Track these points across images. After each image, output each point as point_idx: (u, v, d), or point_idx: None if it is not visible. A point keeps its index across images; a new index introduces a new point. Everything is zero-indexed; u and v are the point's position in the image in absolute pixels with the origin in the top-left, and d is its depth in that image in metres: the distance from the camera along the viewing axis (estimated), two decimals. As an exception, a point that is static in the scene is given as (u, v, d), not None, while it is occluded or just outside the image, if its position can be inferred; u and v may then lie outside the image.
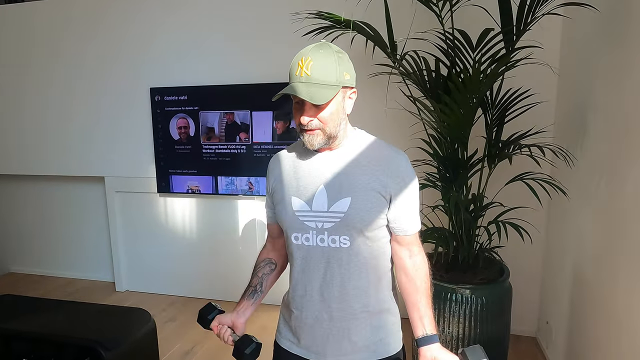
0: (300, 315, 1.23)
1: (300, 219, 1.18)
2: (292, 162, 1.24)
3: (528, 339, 2.79)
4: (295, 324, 1.25)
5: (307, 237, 1.18)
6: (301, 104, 1.12)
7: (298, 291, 1.22)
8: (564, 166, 2.08)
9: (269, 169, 1.29)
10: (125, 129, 3.40)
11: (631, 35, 1.66)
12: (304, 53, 1.10)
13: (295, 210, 1.18)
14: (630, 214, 1.62)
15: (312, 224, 1.17)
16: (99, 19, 3.30)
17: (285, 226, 1.22)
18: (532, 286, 2.73)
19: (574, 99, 2.21)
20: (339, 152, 1.18)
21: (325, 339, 1.20)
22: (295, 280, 1.23)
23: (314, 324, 1.21)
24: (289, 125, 3.00)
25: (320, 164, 1.18)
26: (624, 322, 1.67)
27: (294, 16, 2.53)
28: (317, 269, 1.18)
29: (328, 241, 1.16)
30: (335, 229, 1.15)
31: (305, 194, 1.18)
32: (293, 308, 1.24)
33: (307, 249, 1.18)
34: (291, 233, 1.20)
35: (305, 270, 1.20)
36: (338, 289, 1.17)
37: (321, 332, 1.20)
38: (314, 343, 1.22)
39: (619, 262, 1.71)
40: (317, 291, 1.19)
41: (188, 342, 2.85)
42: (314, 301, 1.20)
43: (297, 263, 1.21)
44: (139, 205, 3.51)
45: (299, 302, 1.22)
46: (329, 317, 1.19)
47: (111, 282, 3.78)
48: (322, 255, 1.17)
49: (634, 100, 1.63)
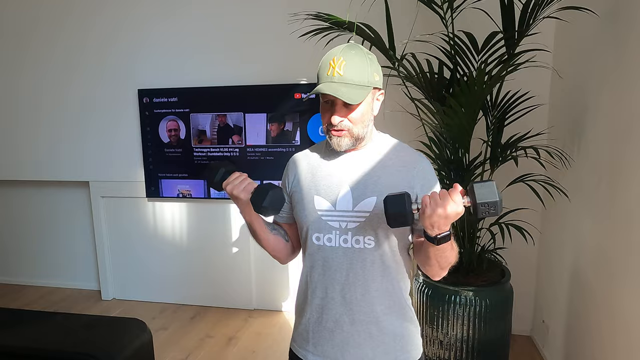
0: (319, 318, 1.19)
1: (324, 219, 1.16)
2: (315, 162, 1.22)
3: (523, 338, 2.82)
4: (312, 329, 1.21)
5: (330, 238, 1.16)
6: (331, 104, 1.11)
7: (318, 294, 1.19)
8: (564, 168, 2.11)
9: (288, 169, 1.27)
10: (111, 132, 3.29)
11: (629, 39, 1.69)
12: (335, 53, 1.10)
13: (318, 210, 1.16)
14: (630, 214, 1.66)
15: (336, 224, 1.15)
16: (85, 19, 3.18)
17: (306, 226, 1.19)
18: (526, 286, 2.76)
19: (571, 101, 2.25)
20: (363, 152, 1.18)
21: (345, 344, 1.17)
22: (315, 283, 1.20)
23: (335, 328, 1.18)
24: (283, 127, 2.96)
25: (345, 165, 1.18)
26: (621, 321, 1.70)
27: (290, 17, 2.50)
28: (339, 270, 1.16)
29: (352, 242, 1.14)
30: (360, 229, 1.13)
31: (329, 193, 1.16)
32: (312, 312, 1.21)
33: (329, 250, 1.16)
34: (312, 233, 1.17)
35: (326, 273, 1.17)
36: (361, 291, 1.15)
37: (341, 336, 1.17)
38: (332, 349, 1.19)
39: (618, 261, 1.74)
40: (338, 293, 1.16)
41: (182, 351, 2.76)
42: (335, 304, 1.17)
43: (317, 265, 1.18)
44: (126, 210, 3.39)
45: (318, 304, 1.19)
46: (351, 321, 1.16)
47: (96, 291, 3.64)
48: (344, 257, 1.15)
49: (631, 103, 1.66)
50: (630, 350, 1.64)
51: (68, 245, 3.70)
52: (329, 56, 1.10)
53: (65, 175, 3.45)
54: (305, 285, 1.23)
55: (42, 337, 2.04)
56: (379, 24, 2.14)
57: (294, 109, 2.92)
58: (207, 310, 3.29)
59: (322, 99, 1.12)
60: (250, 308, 3.28)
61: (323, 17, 2.17)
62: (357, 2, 2.27)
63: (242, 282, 3.27)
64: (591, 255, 2.00)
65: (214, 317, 3.19)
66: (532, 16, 1.87)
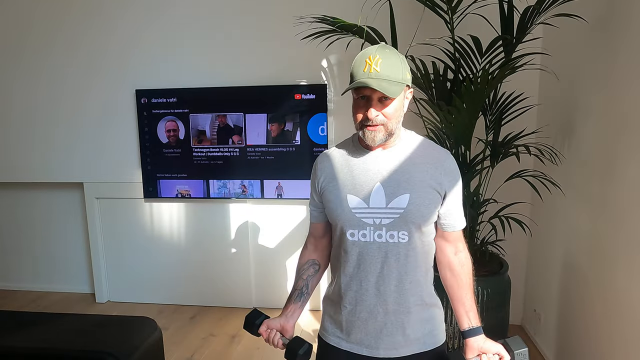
0: (353, 309, 1.24)
1: (357, 216, 1.20)
2: (345, 160, 1.26)
3: (515, 327, 2.96)
4: (346, 319, 1.26)
5: (364, 234, 1.20)
6: (366, 100, 1.15)
7: (353, 286, 1.24)
8: (558, 163, 2.26)
9: (317, 167, 1.30)
10: (107, 133, 3.26)
11: (617, 44, 1.85)
12: (370, 52, 1.14)
13: (351, 208, 1.20)
14: (620, 205, 1.81)
15: (370, 220, 1.19)
16: (81, 20, 3.15)
17: (340, 223, 1.23)
18: (518, 276, 2.91)
19: (562, 101, 2.41)
20: (393, 150, 1.22)
21: (378, 332, 1.23)
22: (349, 276, 1.24)
23: (368, 318, 1.23)
24: (283, 127, 3.02)
25: (375, 162, 1.22)
26: (614, 306, 1.84)
27: (292, 18, 2.57)
28: (373, 264, 1.21)
29: (386, 237, 1.19)
30: (394, 225, 1.18)
31: (361, 191, 1.20)
32: (346, 304, 1.25)
33: (364, 244, 1.21)
34: (347, 230, 1.22)
35: (361, 266, 1.22)
36: (395, 283, 1.21)
37: (375, 325, 1.23)
38: (366, 337, 1.24)
39: (609, 250, 1.89)
40: (373, 286, 1.21)
41: (187, 350, 2.77)
42: (369, 295, 1.22)
43: (351, 259, 1.23)
44: (122, 211, 3.36)
45: (352, 297, 1.24)
46: (384, 311, 1.22)
47: (90, 294, 3.59)
48: (379, 251, 1.20)
49: (619, 103, 1.82)
50: (624, 335, 1.78)
51: (59, 248, 3.63)
52: (364, 54, 1.15)
53: (58, 177, 3.39)
54: (339, 279, 1.27)
55: (54, 337, 2.03)
56: (384, 28, 2.24)
57: (294, 109, 2.98)
58: (207, 310, 3.30)
59: (357, 95, 1.16)
60: (249, 306, 3.31)
61: (329, 21, 2.25)
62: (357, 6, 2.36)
63: (242, 281, 3.29)
64: (583, 245, 2.15)
65: (214, 316, 3.21)
66: (530, 23, 2.01)
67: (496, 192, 2.44)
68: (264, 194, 3.11)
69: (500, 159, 2.23)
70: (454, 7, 2.09)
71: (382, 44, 1.19)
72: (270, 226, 3.23)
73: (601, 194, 1.98)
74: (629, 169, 1.76)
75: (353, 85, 1.13)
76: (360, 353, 1.26)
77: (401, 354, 1.24)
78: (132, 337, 2.10)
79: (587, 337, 2.09)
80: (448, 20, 2.12)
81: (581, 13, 2.01)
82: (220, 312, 3.27)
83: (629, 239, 1.76)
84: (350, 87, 1.14)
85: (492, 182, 2.37)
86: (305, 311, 3.27)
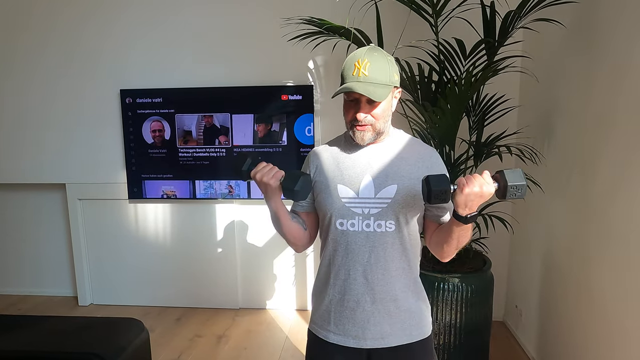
0: (341, 299, 1.28)
1: (347, 206, 1.25)
2: (336, 154, 1.31)
3: (496, 323, 3.03)
4: (334, 309, 1.29)
5: (353, 223, 1.25)
6: (356, 101, 1.21)
7: (341, 275, 1.28)
8: (539, 163, 2.34)
9: (309, 161, 1.35)
10: (90, 133, 3.22)
11: (592, 47, 1.93)
12: (359, 55, 1.19)
13: (342, 198, 1.25)
14: (595, 204, 1.89)
15: (359, 210, 1.24)
16: (65, 18, 3.10)
17: (329, 212, 1.27)
18: (500, 273, 2.98)
19: (541, 103, 2.49)
20: (382, 145, 1.29)
21: (365, 322, 1.27)
22: (337, 266, 1.28)
23: (356, 307, 1.27)
24: (270, 128, 3.03)
25: (365, 156, 1.28)
26: (589, 303, 1.92)
27: (279, 20, 2.59)
28: (361, 252, 1.25)
29: (374, 226, 1.24)
30: (382, 214, 1.23)
31: (351, 182, 1.26)
32: (334, 293, 1.29)
33: (352, 234, 1.25)
34: (336, 219, 1.26)
35: (349, 255, 1.26)
36: (382, 271, 1.25)
37: (362, 315, 1.27)
38: (354, 327, 1.28)
39: (586, 248, 1.97)
40: (360, 274, 1.26)
41: (173, 351, 2.76)
42: (357, 284, 1.26)
43: (340, 248, 1.27)
44: (106, 212, 3.32)
45: (340, 286, 1.28)
46: (372, 300, 1.26)
47: (72, 297, 3.53)
48: (367, 240, 1.25)
49: (594, 105, 1.90)
50: (599, 330, 1.85)
51: (39, 250, 3.56)
52: (353, 58, 1.20)
53: (39, 178, 3.33)
54: (328, 269, 1.31)
55: (38, 340, 2.00)
56: (371, 30, 2.28)
57: (281, 110, 3.00)
58: (192, 311, 3.28)
59: (347, 97, 1.22)
60: (236, 307, 3.30)
61: (316, 23, 2.28)
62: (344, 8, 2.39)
63: (228, 282, 3.29)
64: (562, 243, 2.23)
65: (200, 317, 3.19)
66: (511, 27, 2.08)
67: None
68: (251, 194, 3.11)
69: (483, 159, 2.30)
70: (438, 10, 2.14)
71: (372, 46, 1.23)
72: (257, 226, 3.24)
73: (578, 193, 2.05)
74: (603, 168, 1.84)
75: (342, 90, 1.19)
76: (347, 345, 1.29)
77: (388, 344, 1.27)
78: (119, 338, 2.09)
79: (566, 331, 2.16)
80: (433, 23, 2.17)
81: (559, 18, 2.09)
82: (206, 313, 3.25)
83: (602, 236, 1.84)
84: (339, 91, 1.19)
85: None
86: (292, 310, 3.29)
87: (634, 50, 1.65)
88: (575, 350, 2.07)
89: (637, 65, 1.64)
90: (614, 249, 1.76)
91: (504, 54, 2.18)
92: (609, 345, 1.79)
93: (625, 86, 1.70)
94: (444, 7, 2.13)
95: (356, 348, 1.28)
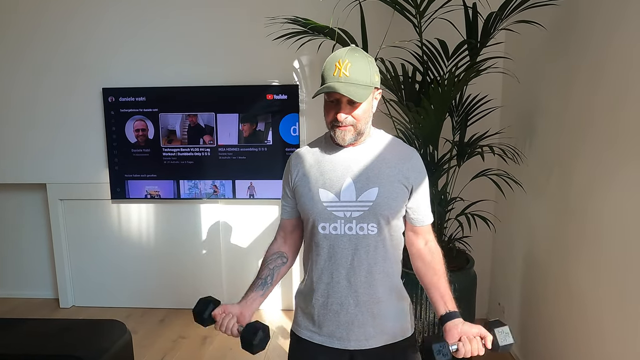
0: (325, 302, 1.28)
1: (329, 210, 1.24)
2: (317, 157, 1.30)
3: (479, 321, 3.06)
4: (318, 312, 1.29)
5: (335, 227, 1.24)
6: (336, 102, 1.20)
7: (324, 279, 1.27)
8: (520, 162, 2.37)
9: (292, 163, 1.33)
10: (72, 132, 3.17)
11: (571, 49, 1.97)
12: (340, 56, 1.18)
13: (323, 202, 1.24)
14: (574, 202, 1.93)
15: (340, 214, 1.24)
16: (43, 15, 3.04)
17: (312, 217, 1.26)
18: (483, 271, 3.02)
19: (523, 104, 2.53)
20: (363, 147, 1.27)
21: (349, 324, 1.27)
22: (321, 269, 1.28)
23: (340, 310, 1.26)
24: (255, 127, 3.02)
25: (346, 159, 1.26)
26: (569, 299, 1.96)
27: (264, 19, 2.59)
28: (344, 256, 1.25)
29: (356, 229, 1.23)
30: (364, 217, 1.23)
31: (333, 186, 1.25)
32: (318, 296, 1.28)
33: (335, 237, 1.25)
34: (319, 223, 1.25)
35: (332, 258, 1.26)
36: (365, 274, 1.25)
37: (346, 318, 1.26)
38: (337, 329, 1.27)
39: (565, 245, 2.01)
40: (344, 277, 1.25)
41: (157, 353, 2.73)
42: (340, 287, 1.26)
43: (323, 252, 1.26)
44: (88, 213, 3.27)
45: (324, 289, 1.28)
46: (355, 303, 1.26)
47: (53, 299, 3.47)
48: (349, 243, 1.24)
49: (573, 105, 1.94)
50: (578, 325, 1.89)
51: (19, 252, 3.49)
52: (334, 58, 1.19)
53: (20, 178, 3.26)
54: (311, 272, 1.31)
55: (18, 342, 1.97)
56: (355, 30, 2.29)
57: (266, 109, 2.99)
58: (176, 312, 3.25)
59: (328, 98, 1.21)
60: (221, 308, 3.28)
61: (301, 22, 2.28)
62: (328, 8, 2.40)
63: (213, 282, 3.27)
64: (542, 241, 2.27)
65: (184, 318, 3.16)
66: (493, 28, 2.11)
67: (462, 191, 2.54)
68: (236, 194, 3.10)
69: (466, 159, 2.33)
70: (422, 11, 2.16)
71: (352, 47, 1.22)
72: (242, 226, 3.22)
73: (558, 192, 2.09)
74: (581, 167, 1.88)
75: (322, 90, 1.17)
76: (331, 346, 1.29)
77: (372, 345, 1.28)
78: (101, 340, 2.07)
79: (546, 327, 2.20)
80: (416, 24, 2.19)
81: (540, 20, 2.13)
82: (190, 314, 3.12)
83: (580, 235, 1.88)
84: (320, 91, 1.18)
85: (459, 180, 2.46)
86: (277, 310, 3.28)
87: (610, 51, 1.69)
88: (555, 345, 2.11)
89: (612, 66, 1.68)
90: (591, 247, 1.80)
91: (486, 55, 2.21)
92: (587, 340, 1.83)
93: (602, 86, 1.74)
94: (427, 8, 2.15)
95: (339, 349, 1.28)
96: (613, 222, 1.66)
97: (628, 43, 1.59)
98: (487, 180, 2.40)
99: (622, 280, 1.61)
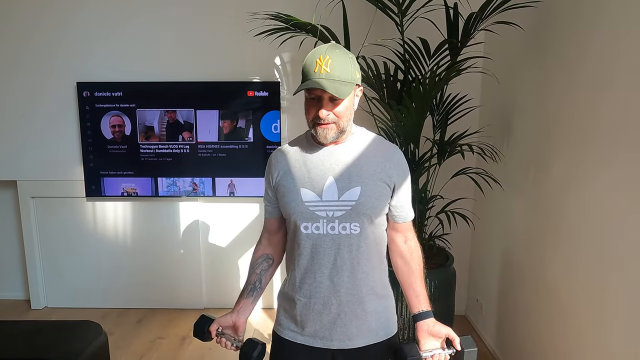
0: (308, 302, 1.26)
1: (311, 209, 1.22)
2: (299, 155, 1.28)
3: (458, 317, 3.11)
4: (300, 312, 1.28)
5: (318, 226, 1.23)
6: (317, 99, 1.17)
7: (307, 279, 1.26)
8: (498, 161, 2.41)
9: (272, 163, 1.31)
10: (44, 127, 3.06)
11: (548, 51, 2.01)
12: (320, 52, 1.16)
13: (305, 201, 1.23)
14: (549, 200, 1.97)
15: (323, 213, 1.22)
16: (16, 6, 2.92)
17: (294, 217, 1.25)
18: (462, 268, 3.06)
19: (501, 103, 2.57)
20: (345, 145, 1.26)
21: (332, 324, 1.26)
22: (304, 269, 1.26)
23: (323, 310, 1.25)
24: (236, 124, 2.98)
25: (328, 157, 1.25)
26: (544, 295, 2.01)
27: (245, 15, 2.56)
28: (326, 256, 1.23)
29: (339, 229, 1.22)
30: (346, 217, 1.22)
31: (315, 185, 1.23)
32: (300, 296, 1.27)
33: (317, 237, 1.23)
34: (301, 223, 1.24)
35: (314, 258, 1.24)
36: (348, 274, 1.24)
37: (329, 317, 1.26)
38: (320, 329, 1.27)
39: (541, 243, 2.05)
40: (326, 277, 1.24)
41: (134, 354, 2.67)
42: (323, 287, 1.25)
43: (305, 252, 1.25)
44: (62, 211, 3.17)
45: (307, 289, 1.26)
46: (338, 302, 1.25)
47: (24, 300, 3.35)
48: (332, 243, 1.23)
49: (549, 105, 1.98)
50: (553, 320, 1.94)
51: (-12, 252, 3.36)
52: (314, 55, 1.17)
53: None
54: (293, 272, 1.29)
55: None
56: (337, 27, 2.28)
57: (247, 106, 2.96)
58: (154, 312, 3.19)
59: (309, 95, 1.18)
60: (200, 307, 3.24)
61: (283, 18, 2.26)
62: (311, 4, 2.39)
63: (192, 281, 3.21)
64: (519, 238, 2.31)
65: (162, 318, 3.10)
66: (473, 28, 2.13)
67: (442, 189, 2.57)
68: (216, 192, 3.05)
69: (447, 157, 2.35)
70: (404, 10, 2.17)
71: (333, 44, 1.21)
72: (222, 225, 3.18)
73: (535, 190, 2.14)
74: (558, 166, 1.92)
75: (304, 87, 1.15)
76: (314, 345, 1.28)
77: (355, 345, 1.27)
78: (75, 342, 2.00)
79: (523, 323, 2.25)
80: (398, 22, 2.20)
81: (518, 22, 2.16)
82: (169, 314, 3.17)
83: (556, 232, 1.92)
84: (301, 88, 1.16)
85: (439, 179, 2.49)
86: (258, 309, 3.26)
87: (587, 52, 1.74)
88: (532, 339, 2.15)
89: (589, 67, 1.72)
90: (567, 243, 1.85)
91: (466, 55, 2.23)
92: (563, 334, 1.88)
93: (579, 86, 1.78)
94: (409, 6, 2.16)
95: (322, 349, 1.27)
96: (589, 220, 1.70)
97: (603, 45, 1.64)
98: (466, 178, 2.43)
99: (597, 276, 1.66)
